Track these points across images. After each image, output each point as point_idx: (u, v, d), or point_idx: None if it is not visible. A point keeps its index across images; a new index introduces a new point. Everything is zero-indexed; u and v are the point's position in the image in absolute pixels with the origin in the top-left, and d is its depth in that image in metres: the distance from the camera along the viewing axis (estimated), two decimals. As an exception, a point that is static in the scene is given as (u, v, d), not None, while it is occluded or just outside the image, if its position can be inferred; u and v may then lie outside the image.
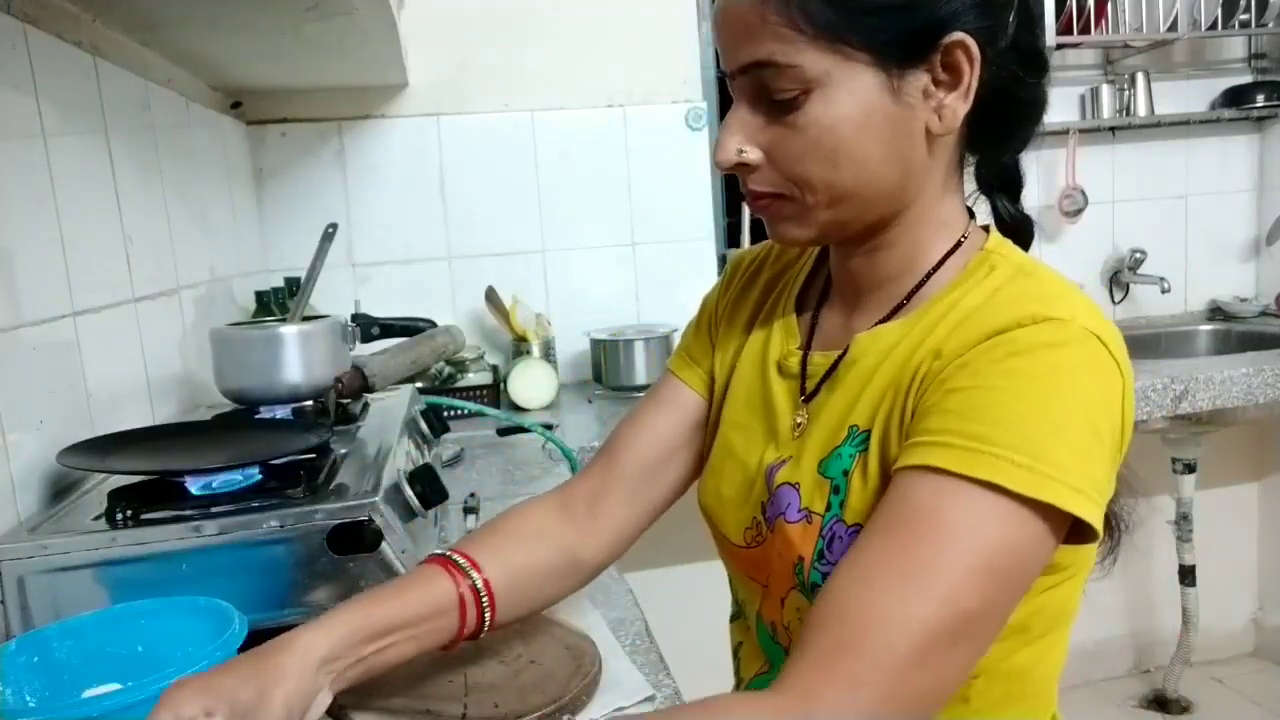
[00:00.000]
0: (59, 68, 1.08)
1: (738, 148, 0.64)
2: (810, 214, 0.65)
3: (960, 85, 0.61)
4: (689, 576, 2.12)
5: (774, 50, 0.60)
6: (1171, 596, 2.33)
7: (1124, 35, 2.21)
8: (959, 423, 0.55)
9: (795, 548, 0.66)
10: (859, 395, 0.66)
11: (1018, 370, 0.55)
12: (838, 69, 0.60)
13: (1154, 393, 1.83)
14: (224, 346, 1.24)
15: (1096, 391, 0.56)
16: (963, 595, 0.51)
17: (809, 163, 0.62)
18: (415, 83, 2.05)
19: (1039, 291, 0.61)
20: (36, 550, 0.81)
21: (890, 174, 0.63)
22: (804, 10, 0.59)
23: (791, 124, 0.62)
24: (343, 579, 0.86)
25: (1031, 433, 0.53)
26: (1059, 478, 0.53)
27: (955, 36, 0.60)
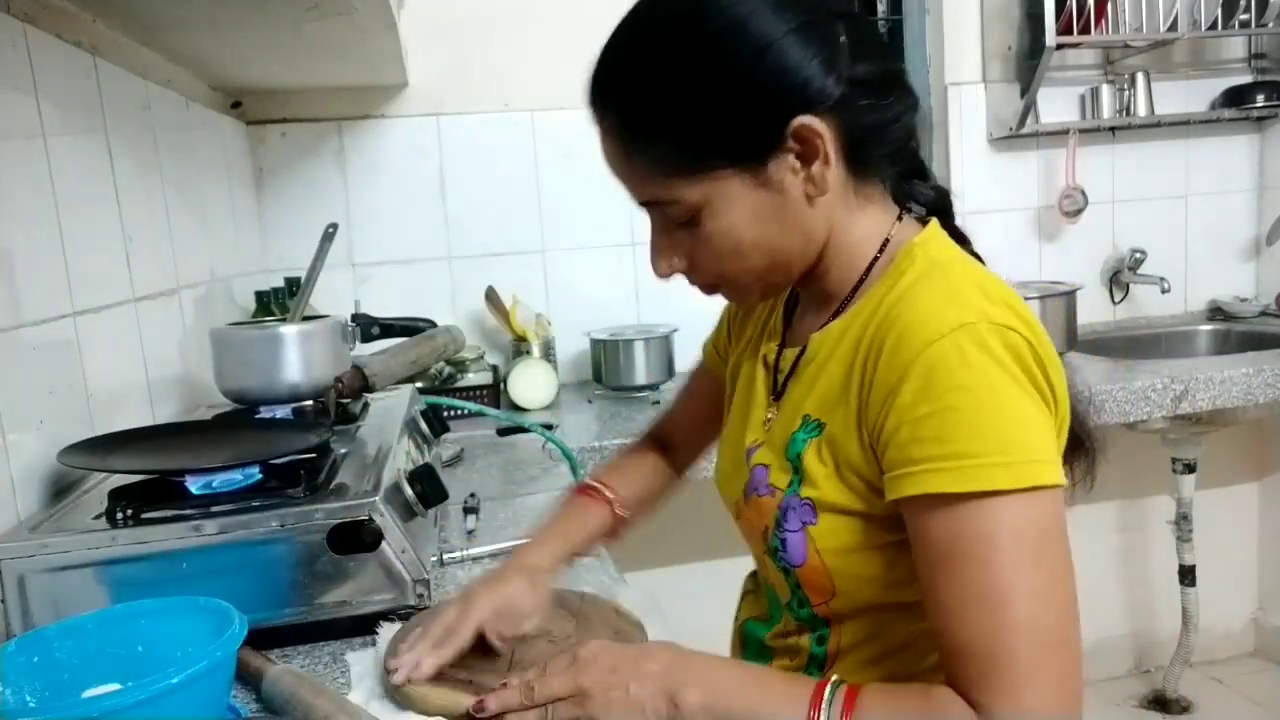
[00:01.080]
0: (59, 68, 1.08)
1: (668, 264, 0.76)
2: (746, 290, 0.77)
3: (818, 155, 0.68)
4: (688, 577, 2.12)
5: (656, 193, 0.71)
6: (1171, 596, 2.33)
7: (1124, 35, 2.21)
8: (938, 446, 0.63)
9: (763, 517, 0.77)
10: (812, 387, 0.76)
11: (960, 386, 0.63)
12: (712, 188, 0.69)
13: (1154, 393, 1.83)
14: (224, 346, 1.24)
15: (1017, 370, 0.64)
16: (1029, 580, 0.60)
17: (725, 263, 0.73)
18: (415, 83, 2.05)
19: (945, 290, 0.68)
20: (37, 549, 0.81)
21: (794, 241, 0.72)
22: (661, 156, 0.69)
23: (697, 237, 0.72)
24: (343, 579, 0.86)
25: (993, 435, 0.62)
26: (1031, 459, 0.62)
27: (796, 122, 0.67)
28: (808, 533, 0.73)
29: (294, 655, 0.85)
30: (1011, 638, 0.60)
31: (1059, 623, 0.61)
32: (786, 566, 0.76)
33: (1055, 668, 0.60)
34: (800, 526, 0.73)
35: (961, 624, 0.62)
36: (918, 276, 0.70)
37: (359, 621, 0.87)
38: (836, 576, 0.73)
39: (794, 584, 0.77)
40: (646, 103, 0.69)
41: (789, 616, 0.82)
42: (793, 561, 0.74)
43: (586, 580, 0.99)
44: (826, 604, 0.76)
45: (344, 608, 0.87)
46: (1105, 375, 1.90)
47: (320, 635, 0.87)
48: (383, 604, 0.87)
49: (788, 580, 0.77)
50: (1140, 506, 2.47)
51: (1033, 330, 0.66)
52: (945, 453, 0.62)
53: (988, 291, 0.68)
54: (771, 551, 0.76)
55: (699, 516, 2.23)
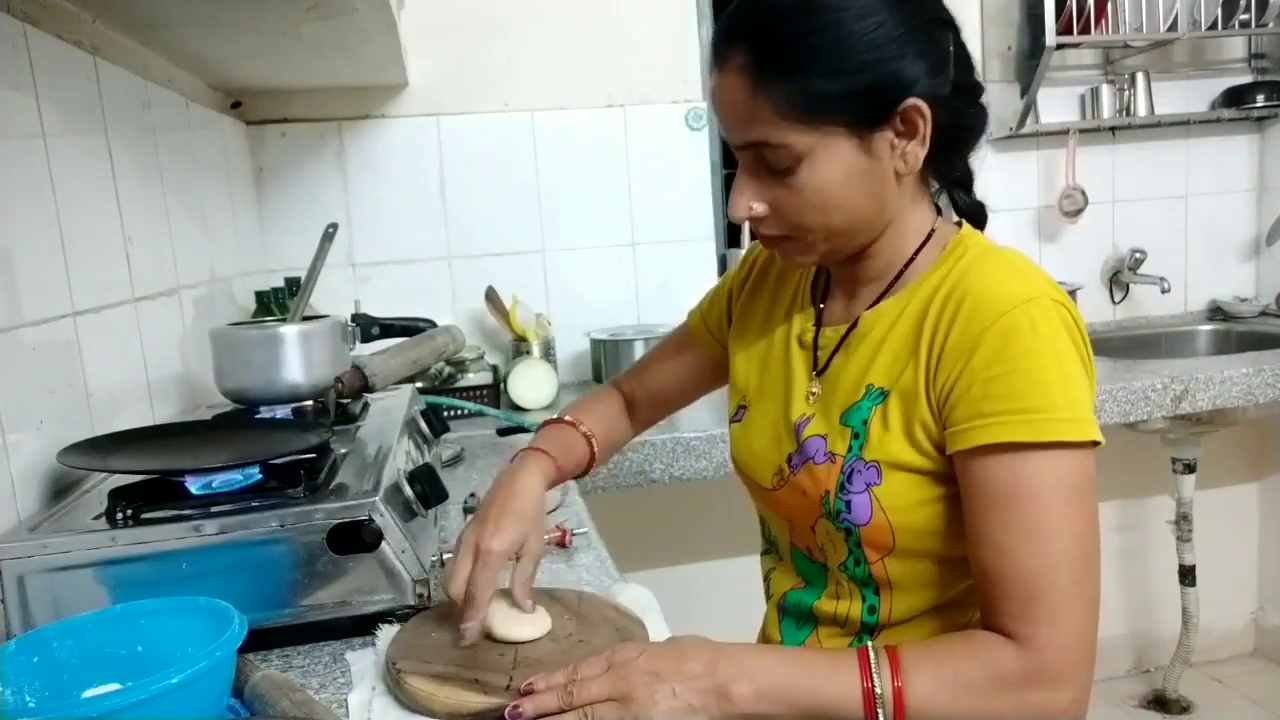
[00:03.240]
0: (59, 68, 1.08)
1: (748, 205, 0.80)
2: (811, 248, 0.82)
3: (917, 135, 0.76)
4: (688, 577, 2.13)
5: (766, 133, 0.75)
6: (1171, 596, 2.33)
7: (1124, 35, 2.21)
8: (1010, 402, 0.70)
9: (822, 483, 0.82)
10: (873, 359, 0.82)
11: (1029, 351, 0.71)
12: (819, 142, 0.75)
13: (1154, 393, 1.83)
14: (224, 346, 1.24)
15: (1075, 343, 0.74)
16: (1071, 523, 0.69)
17: (806, 215, 0.78)
18: (415, 83, 2.05)
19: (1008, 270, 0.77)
20: (36, 550, 0.81)
21: (870, 210, 0.79)
22: (788, 100, 0.74)
23: (788, 185, 0.77)
24: (342, 579, 0.86)
25: (1059, 393, 0.70)
26: (1087, 416, 0.71)
27: (909, 102, 0.74)
28: (872, 493, 0.79)
29: (294, 655, 0.85)
30: (1054, 570, 0.68)
31: (1092, 561, 0.69)
32: (850, 526, 0.81)
33: (1087, 599, 0.69)
34: (865, 488, 0.79)
35: (1012, 558, 0.69)
36: (977, 257, 0.79)
37: (359, 621, 0.87)
38: (898, 531, 0.79)
39: (855, 542, 0.82)
40: (790, 45, 0.74)
41: (841, 577, 0.85)
42: (858, 521, 0.80)
43: (586, 580, 0.99)
44: (883, 560, 0.81)
45: (344, 608, 0.87)
46: (1105, 375, 1.90)
47: (320, 635, 0.87)
48: (383, 604, 0.87)
49: (848, 540, 0.82)
50: (1140, 506, 2.47)
51: (1076, 310, 0.76)
52: (1016, 407, 0.70)
53: (1041, 273, 0.77)
54: (833, 515, 0.81)
55: (699, 516, 2.23)
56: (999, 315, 0.72)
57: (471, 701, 0.71)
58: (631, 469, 1.63)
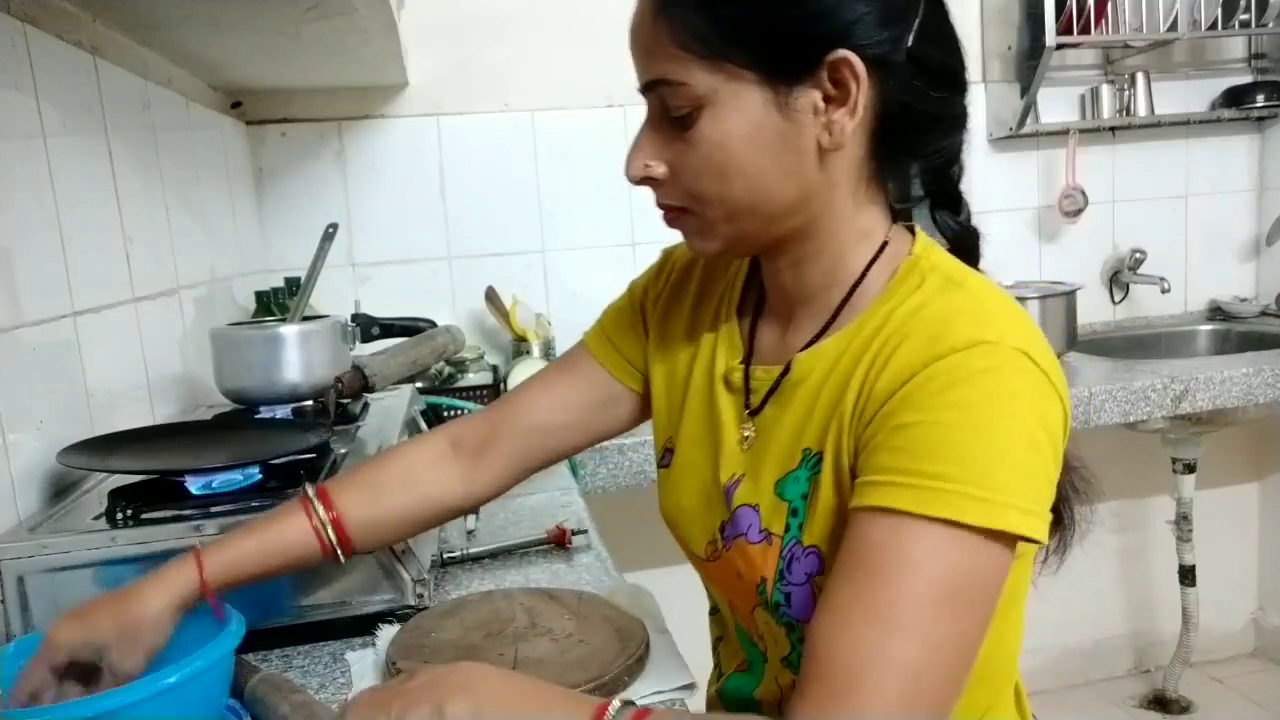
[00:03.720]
0: (59, 68, 1.08)
1: (644, 162, 0.68)
2: (712, 227, 0.68)
3: (848, 102, 0.62)
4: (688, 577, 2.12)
5: (666, 69, 0.63)
6: (1171, 596, 2.33)
7: (1124, 35, 2.21)
8: (909, 461, 0.56)
9: (758, 569, 0.68)
10: (808, 416, 0.67)
11: (958, 403, 0.56)
12: (725, 86, 0.62)
13: (1154, 393, 1.83)
14: (224, 346, 1.24)
15: (1031, 409, 0.58)
16: (935, 626, 0.53)
17: (703, 178, 0.65)
18: (415, 83, 2.05)
19: (970, 309, 0.61)
20: (36, 550, 0.81)
21: (784, 188, 0.65)
22: (692, 28, 0.62)
23: (688, 140, 0.64)
24: (343, 579, 0.86)
25: (980, 464, 0.55)
26: (1010, 503, 0.55)
27: (839, 54, 0.61)
28: (814, 585, 0.65)
29: (294, 655, 0.85)
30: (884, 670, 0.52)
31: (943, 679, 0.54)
32: (791, 622, 0.68)
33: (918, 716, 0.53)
34: (805, 579, 0.65)
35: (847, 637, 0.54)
36: (933, 292, 0.64)
37: (359, 621, 0.87)
38: None
39: (798, 639, 0.69)
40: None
41: (782, 670, 0.74)
42: (799, 616, 0.66)
43: (586, 580, 0.99)
44: None
45: (344, 608, 0.87)
46: (1105, 375, 1.90)
47: (320, 635, 0.87)
48: (383, 604, 0.87)
49: (790, 635, 0.70)
50: (1140, 506, 2.47)
51: (1053, 366, 0.60)
52: (914, 467, 0.56)
53: (1013, 314, 0.62)
54: (770, 606, 0.68)
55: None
56: (937, 357, 0.58)
57: None
58: (631, 469, 1.64)
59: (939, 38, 0.65)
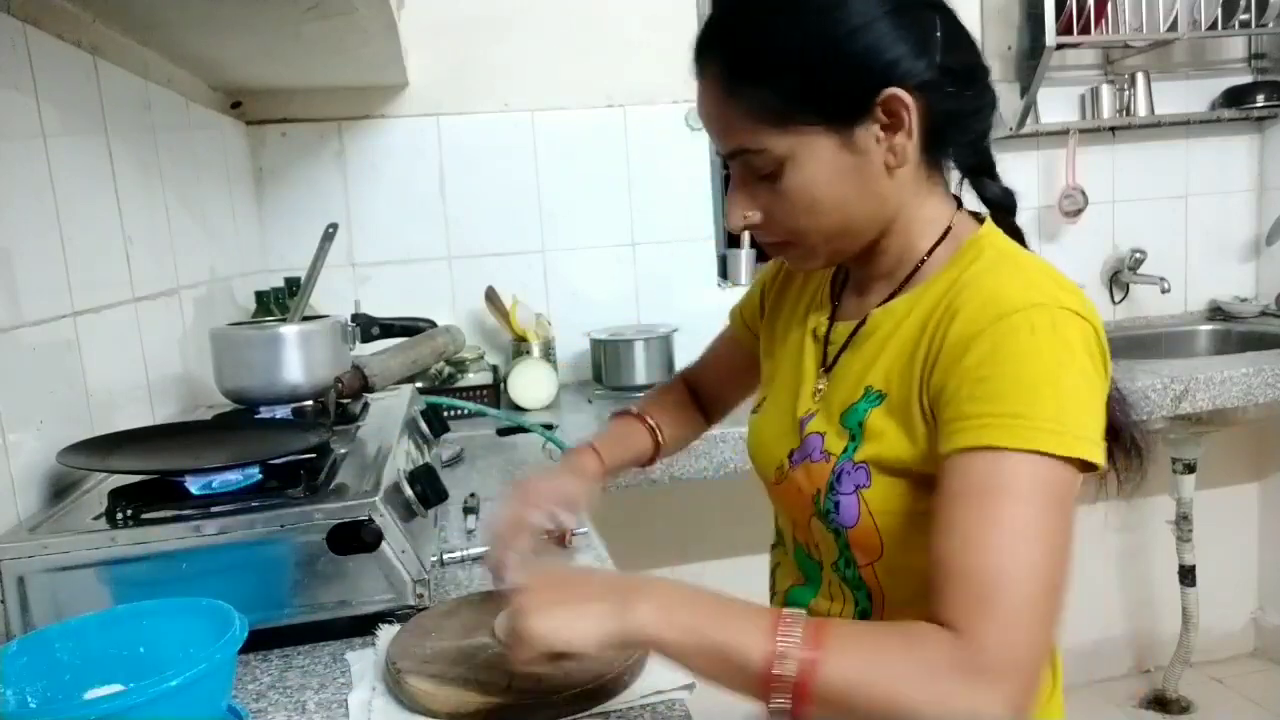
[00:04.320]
0: (59, 68, 1.08)
1: (743, 214, 0.79)
2: (813, 251, 0.80)
3: (904, 127, 0.73)
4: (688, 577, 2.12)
5: (745, 140, 0.75)
6: (1171, 596, 2.33)
7: (1124, 35, 2.21)
8: (995, 405, 0.66)
9: (815, 481, 0.81)
10: (875, 360, 0.79)
11: (1029, 354, 0.67)
12: (799, 144, 0.73)
13: (1154, 393, 1.83)
14: (224, 346, 1.24)
15: (1085, 356, 0.68)
16: (1051, 534, 0.64)
17: (798, 218, 0.77)
18: (415, 83, 2.05)
19: (1021, 278, 0.72)
20: (37, 550, 0.81)
21: (867, 208, 0.77)
22: (760, 104, 0.73)
23: (777, 191, 0.76)
24: (343, 579, 0.86)
25: (1053, 404, 0.65)
26: (1081, 435, 0.65)
27: (888, 93, 0.72)
28: (860, 496, 0.76)
29: (294, 655, 0.85)
30: (1021, 573, 0.62)
31: (1061, 578, 0.63)
32: (838, 527, 0.79)
33: (1047, 613, 0.62)
34: (854, 489, 0.77)
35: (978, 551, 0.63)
36: (990, 264, 0.75)
37: (359, 621, 0.87)
38: (886, 538, 0.76)
39: (844, 544, 0.80)
40: (752, 52, 0.73)
41: (833, 578, 0.84)
42: (845, 523, 0.78)
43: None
44: (872, 565, 0.80)
45: (344, 608, 0.87)
46: (1105, 375, 1.90)
47: (320, 635, 0.87)
48: (383, 604, 0.87)
49: (837, 541, 0.81)
50: (1140, 506, 2.47)
51: (1098, 323, 0.71)
52: (1001, 410, 0.65)
53: (1059, 281, 0.72)
54: (823, 514, 0.80)
55: (699, 516, 2.23)
56: (999, 318, 0.68)
57: (471, 701, 0.71)
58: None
59: (959, 43, 0.76)
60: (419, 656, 0.78)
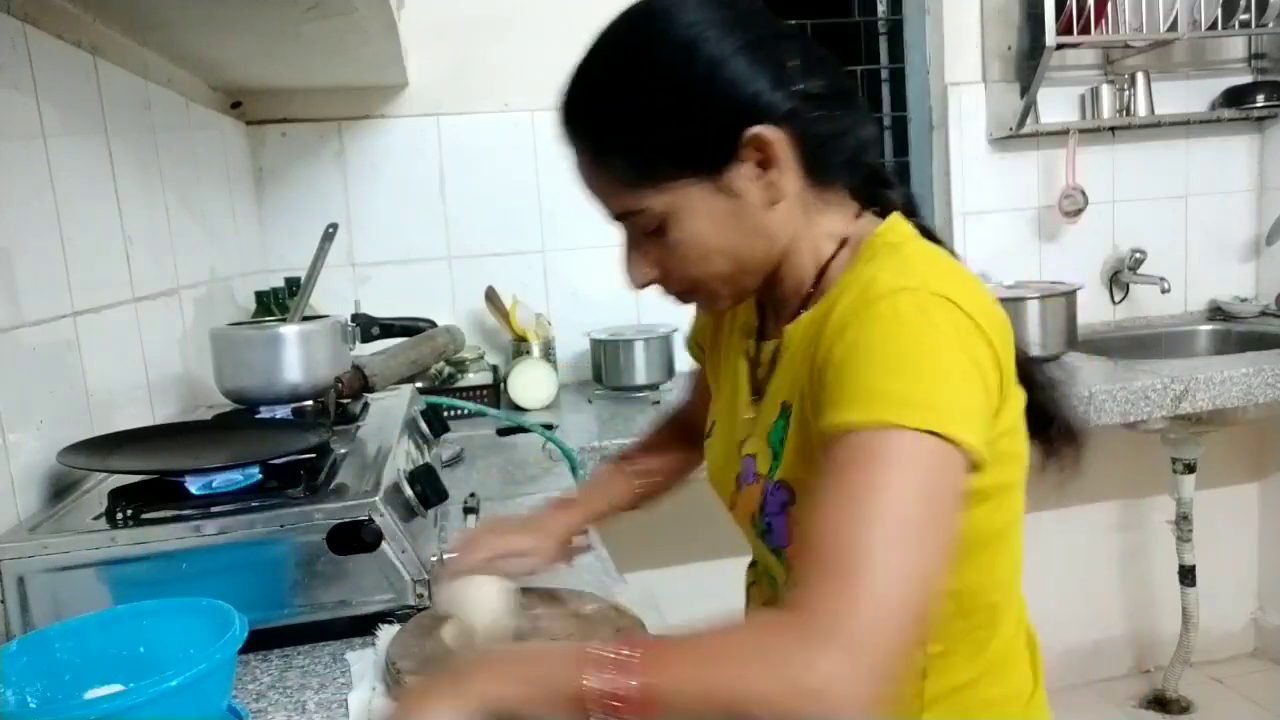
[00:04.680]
0: (59, 68, 1.08)
1: (640, 274, 0.79)
2: (716, 296, 0.80)
3: (774, 163, 0.72)
4: (688, 577, 2.12)
5: (625, 204, 0.75)
6: (1171, 596, 2.33)
7: (1124, 35, 2.21)
8: (853, 386, 0.65)
9: (749, 504, 0.80)
10: (787, 375, 0.79)
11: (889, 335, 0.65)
12: (676, 199, 0.73)
13: (1154, 393, 1.83)
14: (224, 346, 1.24)
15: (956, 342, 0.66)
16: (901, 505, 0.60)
17: (690, 268, 0.77)
18: (415, 83, 2.05)
19: (895, 265, 0.71)
20: (37, 550, 0.81)
21: (757, 246, 0.76)
22: (626, 170, 0.74)
23: (666, 245, 0.76)
24: (343, 579, 0.86)
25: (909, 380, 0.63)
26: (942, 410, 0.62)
27: (750, 132, 0.71)
28: (788, 514, 0.76)
29: (294, 655, 0.85)
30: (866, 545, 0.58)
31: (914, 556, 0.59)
32: (776, 548, 0.79)
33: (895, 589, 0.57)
34: (780, 508, 0.76)
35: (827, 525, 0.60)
36: (876, 258, 0.74)
37: (359, 621, 0.87)
38: None
39: (785, 565, 0.80)
40: (608, 120, 0.74)
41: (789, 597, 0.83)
42: (778, 543, 0.78)
43: (586, 580, 0.99)
44: None
45: (344, 608, 0.87)
46: (1105, 375, 1.90)
47: (320, 635, 0.87)
48: (383, 604, 0.87)
49: (780, 561, 0.81)
50: (1140, 506, 2.47)
51: (978, 305, 0.68)
52: (857, 391, 0.64)
53: (935, 265, 0.71)
54: (761, 535, 0.80)
55: (699, 516, 2.23)
56: (864, 306, 0.67)
57: None
58: (631, 469, 1.63)
59: (817, 67, 0.75)
60: (419, 656, 0.77)
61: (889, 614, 0.56)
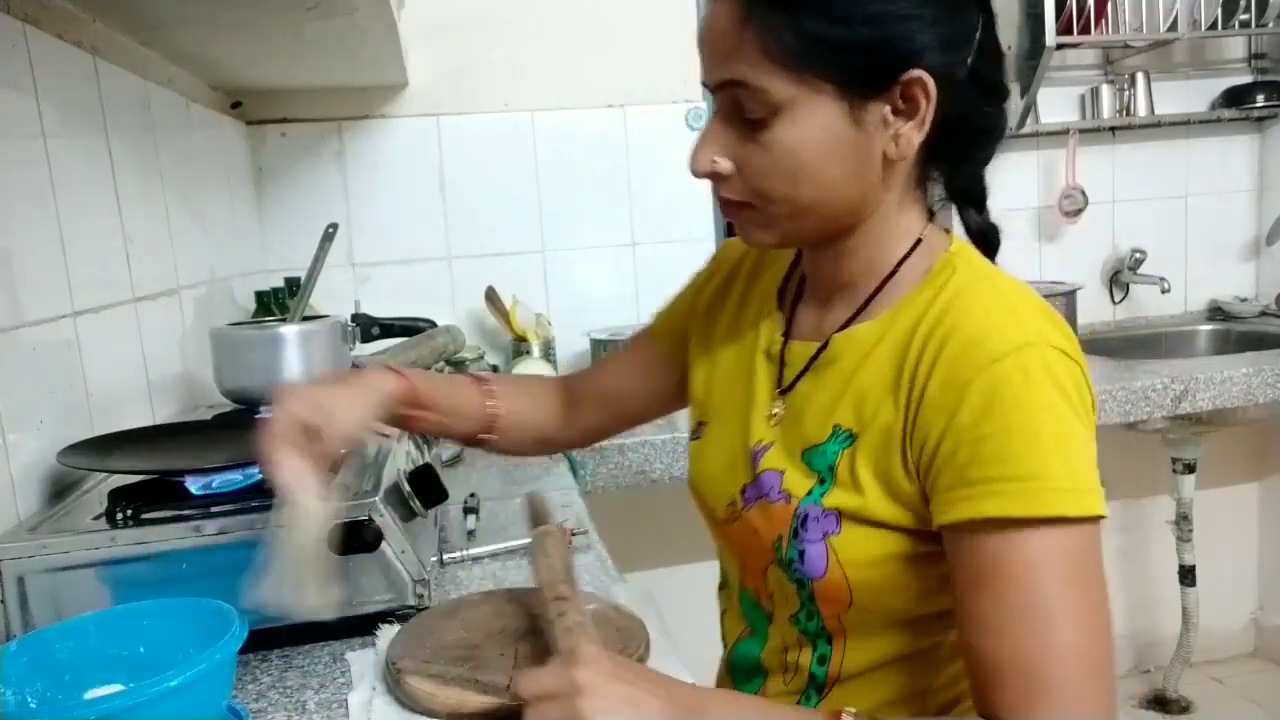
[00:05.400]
0: (59, 68, 1.08)
1: (711, 158, 0.70)
2: (774, 222, 0.72)
3: (916, 116, 0.67)
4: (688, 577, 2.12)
5: (745, 72, 0.66)
6: (1171, 596, 2.33)
7: (1124, 35, 2.21)
8: (999, 468, 0.61)
9: (775, 526, 0.74)
10: (842, 394, 0.72)
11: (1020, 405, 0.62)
12: (803, 96, 0.66)
13: (1154, 393, 1.83)
14: (224, 346, 1.24)
15: (1078, 400, 0.64)
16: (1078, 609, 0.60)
17: (773, 179, 0.69)
18: (415, 83, 2.05)
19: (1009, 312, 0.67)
20: (36, 550, 0.81)
21: (848, 193, 0.70)
22: (777, 39, 0.65)
23: (760, 141, 0.68)
24: (343, 579, 0.86)
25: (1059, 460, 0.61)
26: (1091, 488, 0.61)
27: (914, 73, 0.65)
28: (829, 544, 0.70)
29: (294, 655, 0.85)
30: (1059, 660, 0.59)
31: (1103, 651, 0.60)
32: (802, 578, 0.73)
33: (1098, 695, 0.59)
34: (821, 537, 0.70)
35: (1009, 642, 0.60)
36: (964, 286, 0.69)
37: (359, 621, 0.87)
38: (856, 588, 0.71)
39: (807, 596, 0.74)
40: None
41: (790, 629, 0.79)
42: (811, 574, 0.71)
43: (586, 580, 0.99)
44: (839, 616, 0.74)
45: (344, 608, 0.86)
46: (1105, 375, 1.90)
47: (320, 635, 0.87)
48: (383, 604, 0.87)
49: (800, 592, 0.74)
50: (1140, 506, 2.47)
51: (1080, 356, 0.67)
52: (1007, 474, 0.61)
53: (1045, 313, 0.68)
54: (784, 563, 0.73)
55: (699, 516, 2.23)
56: (988, 363, 0.63)
57: (471, 701, 0.71)
58: (631, 469, 1.63)
59: (993, 54, 0.71)
60: (419, 656, 0.77)
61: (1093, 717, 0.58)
